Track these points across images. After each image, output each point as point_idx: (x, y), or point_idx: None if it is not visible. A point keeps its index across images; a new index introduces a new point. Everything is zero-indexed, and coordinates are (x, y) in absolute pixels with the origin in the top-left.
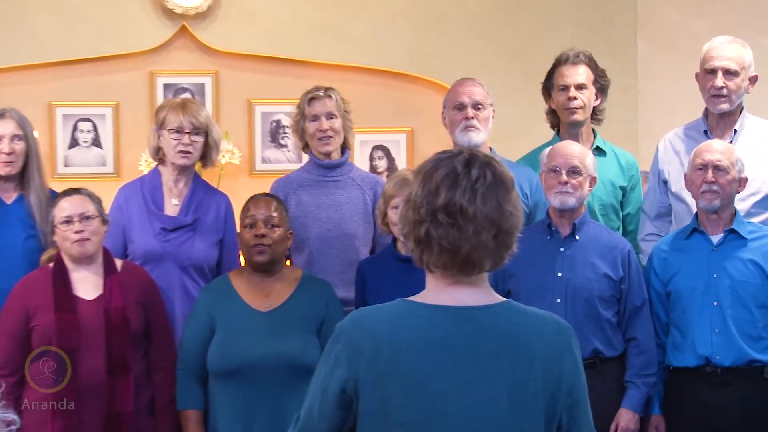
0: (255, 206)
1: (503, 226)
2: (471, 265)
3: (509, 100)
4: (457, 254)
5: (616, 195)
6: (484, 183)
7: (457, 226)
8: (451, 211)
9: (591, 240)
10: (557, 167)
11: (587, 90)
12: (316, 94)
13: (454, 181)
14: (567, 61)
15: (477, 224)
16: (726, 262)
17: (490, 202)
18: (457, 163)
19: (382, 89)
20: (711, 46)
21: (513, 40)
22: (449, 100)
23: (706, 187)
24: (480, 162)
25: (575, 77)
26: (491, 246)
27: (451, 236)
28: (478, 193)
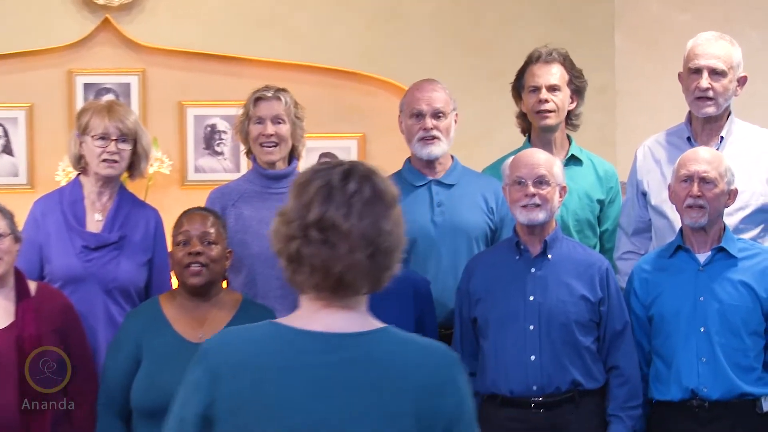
0: (189, 221)
1: (381, 245)
2: (345, 286)
3: (473, 103)
4: (329, 274)
5: (592, 209)
6: (362, 198)
7: (329, 244)
8: (324, 227)
9: (565, 258)
10: (522, 178)
11: (561, 92)
12: (264, 94)
13: (328, 194)
14: (539, 60)
15: (351, 242)
16: (714, 284)
17: (367, 218)
18: (334, 176)
19: (330, 90)
20: (696, 42)
21: (476, 35)
22: (406, 105)
23: (692, 201)
24: (359, 175)
25: (547, 78)
26: (367, 266)
27: (323, 254)
28: (354, 209)
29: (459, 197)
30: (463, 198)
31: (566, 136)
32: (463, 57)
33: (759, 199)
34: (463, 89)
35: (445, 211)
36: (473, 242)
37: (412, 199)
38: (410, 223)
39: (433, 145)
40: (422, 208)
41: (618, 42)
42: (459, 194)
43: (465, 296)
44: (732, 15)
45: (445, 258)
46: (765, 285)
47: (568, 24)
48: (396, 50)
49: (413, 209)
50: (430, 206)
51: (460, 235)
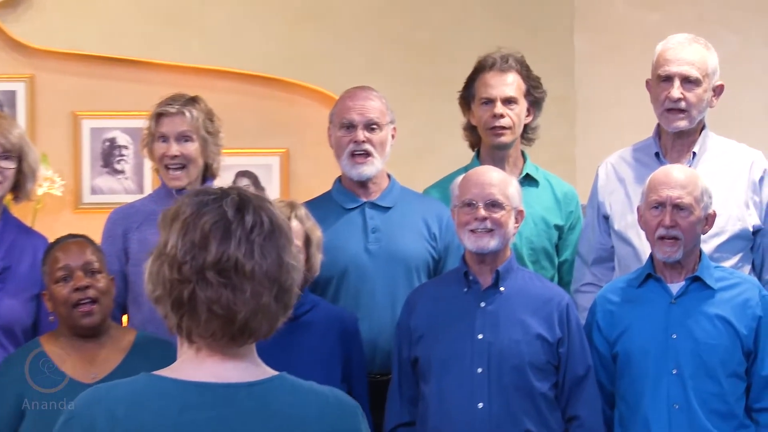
0: (65, 253)
1: (284, 283)
2: (247, 333)
3: (413, 114)
4: (233, 321)
5: (550, 236)
6: (262, 231)
7: (231, 287)
8: (224, 269)
9: (519, 292)
10: (472, 200)
11: (518, 105)
12: (166, 110)
13: (226, 230)
14: (493, 67)
15: (256, 283)
16: (688, 319)
17: (270, 255)
18: (227, 208)
19: (248, 99)
20: (666, 46)
21: (418, 36)
22: (336, 115)
23: (664, 232)
24: (253, 205)
25: (502, 89)
26: (273, 309)
27: (225, 299)
28: (256, 245)
29: (397, 222)
30: (401, 222)
31: (521, 153)
32: (402, 62)
33: (736, 225)
34: (403, 98)
35: (381, 238)
36: (413, 273)
37: (343, 224)
38: (341, 251)
39: (364, 165)
40: (354, 234)
41: (578, 45)
42: (397, 218)
43: (405, 333)
44: (707, 15)
45: (380, 292)
46: (746, 320)
47: (521, 25)
48: (325, 54)
49: (344, 236)
50: (364, 232)
51: (399, 265)
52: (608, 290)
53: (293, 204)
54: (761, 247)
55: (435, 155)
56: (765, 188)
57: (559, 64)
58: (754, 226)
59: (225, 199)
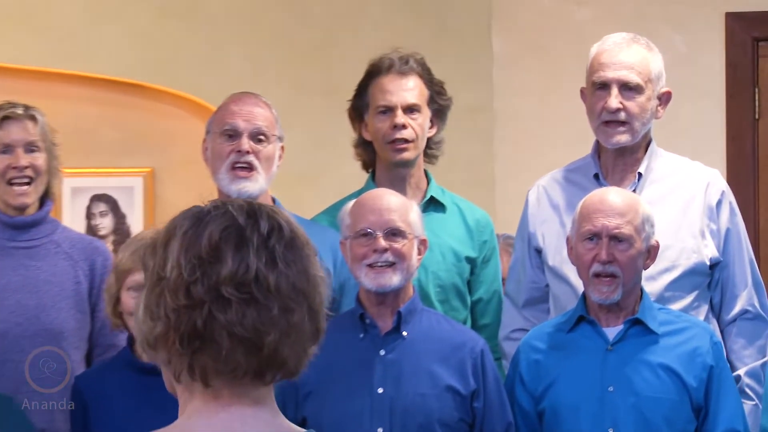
0: None
1: (314, 301)
2: (277, 364)
3: (299, 127)
4: (260, 347)
5: (461, 271)
6: (282, 238)
7: (254, 304)
8: (244, 282)
9: (425, 337)
10: (368, 228)
11: (420, 114)
12: (13, 112)
13: (240, 238)
14: (390, 70)
15: (284, 298)
16: (627, 369)
17: (295, 264)
18: (236, 213)
19: (104, 109)
20: (601, 48)
21: (304, 36)
22: (216, 123)
23: (599, 268)
24: (265, 211)
25: (403, 95)
26: (306, 331)
27: (250, 318)
28: (277, 253)
29: None
30: None
31: (424, 173)
32: (285, 65)
33: (691, 258)
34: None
35: None
36: None
37: None
38: None
39: (247, 180)
40: None
41: (497, 46)
42: None
43: (289, 390)
44: (647, 10)
45: None
46: (695, 371)
47: (427, 22)
48: (194, 55)
49: None
50: None
51: None
52: (533, 336)
53: None
54: (720, 283)
55: (324, 177)
56: (723, 214)
57: (474, 68)
58: (711, 258)
59: (231, 205)
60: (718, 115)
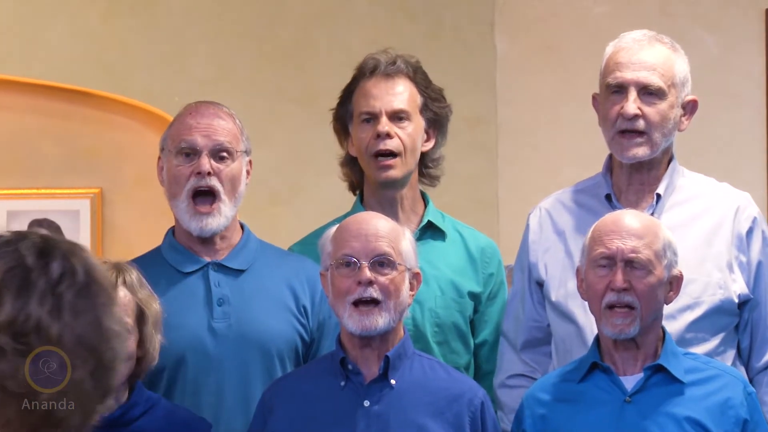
0: None
1: (104, 356)
2: (53, 423)
3: (274, 140)
4: (34, 405)
5: (462, 308)
6: (73, 284)
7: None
8: (22, 332)
9: (416, 386)
10: (351, 257)
11: (410, 123)
12: None
13: (24, 281)
14: (375, 72)
15: (66, 352)
16: (649, 423)
17: (84, 315)
18: (26, 253)
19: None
20: (619, 46)
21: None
22: (171, 139)
23: (614, 298)
24: (62, 251)
25: (389, 99)
26: (88, 391)
27: (23, 373)
28: (65, 301)
29: (253, 290)
30: (259, 291)
31: (420, 194)
32: (255, 71)
33: (716, 294)
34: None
35: (231, 312)
36: (275, 361)
37: (178, 294)
38: (175, 331)
39: (209, 216)
40: (194, 307)
41: (501, 48)
42: (253, 285)
43: None
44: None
45: (230, 386)
46: (726, 425)
47: (420, 19)
48: (150, 59)
49: (180, 310)
50: (207, 305)
51: (254, 350)
52: (538, 388)
53: (121, 266)
54: (749, 324)
55: (300, 197)
56: (755, 244)
57: (474, 73)
58: (740, 295)
59: (23, 242)
60: (757, 127)
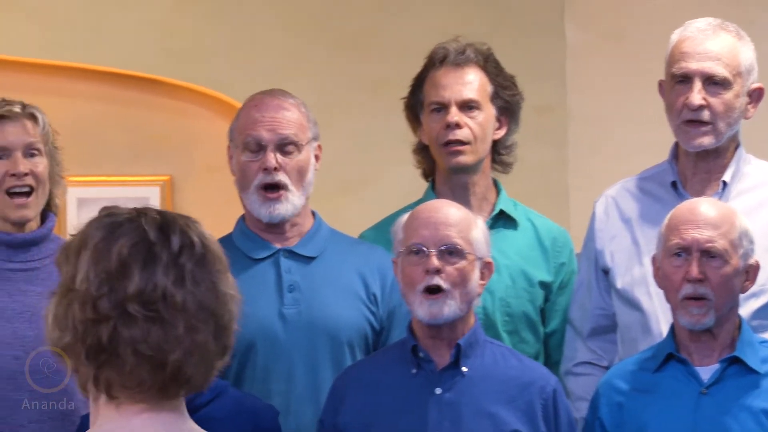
0: None
1: (222, 318)
2: (182, 381)
3: (344, 127)
4: (164, 365)
5: (533, 297)
6: (192, 255)
7: (160, 322)
8: (150, 300)
9: (488, 374)
10: (420, 245)
11: (481, 112)
12: (9, 110)
13: (149, 254)
14: (444, 62)
15: (190, 317)
16: (725, 416)
17: (204, 283)
18: (148, 228)
19: (115, 108)
20: (684, 35)
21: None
22: (238, 132)
23: (690, 290)
24: (178, 225)
25: (459, 89)
26: (211, 350)
27: (154, 337)
28: (186, 271)
29: (323, 277)
30: (329, 278)
31: (492, 182)
32: (327, 57)
33: None
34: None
35: (301, 299)
36: (345, 349)
37: (248, 281)
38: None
39: (278, 202)
40: (264, 294)
41: (570, 36)
42: (323, 272)
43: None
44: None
45: (300, 373)
46: None
47: (487, 7)
48: (221, 46)
49: (250, 296)
50: (277, 291)
51: (324, 338)
52: (615, 375)
53: None
54: None
55: (373, 186)
56: None
57: (543, 61)
58: None
59: (143, 218)
60: None
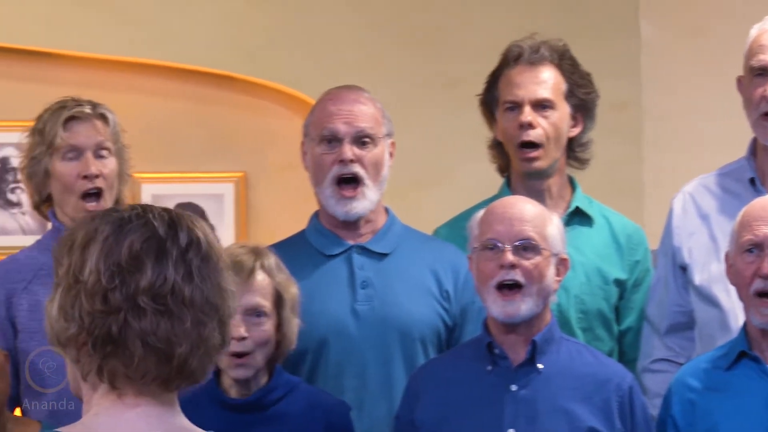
0: None
1: (224, 313)
2: (185, 373)
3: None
4: (171, 357)
5: (608, 295)
6: (198, 252)
7: (168, 315)
8: (160, 294)
9: (564, 371)
10: (495, 241)
11: (555, 111)
12: (81, 110)
13: (160, 249)
14: (519, 60)
15: (197, 311)
16: None
17: (209, 278)
18: (157, 224)
19: (190, 104)
20: (763, 29)
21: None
22: (313, 126)
23: (760, 285)
24: (185, 222)
25: (533, 88)
26: (215, 343)
27: (163, 329)
28: (194, 267)
29: (396, 274)
30: (402, 275)
31: (568, 179)
32: (402, 54)
33: None
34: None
35: (374, 296)
36: (417, 345)
37: (321, 276)
38: (318, 314)
39: (354, 200)
40: (337, 290)
41: (645, 30)
42: (396, 269)
43: (408, 430)
44: None
45: (372, 369)
46: None
47: (561, 3)
48: (296, 43)
49: (324, 292)
50: (351, 288)
51: (397, 334)
52: (687, 373)
53: (259, 251)
54: None
55: (447, 182)
56: None
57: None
58: None
59: (151, 213)
60: None
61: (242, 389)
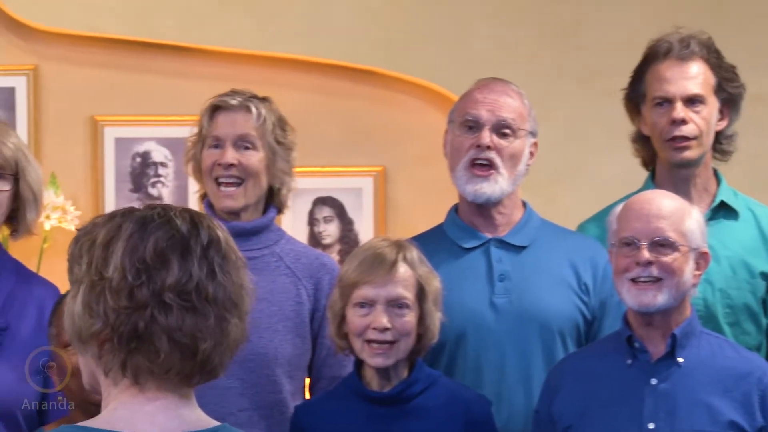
0: None
1: (244, 308)
2: (207, 369)
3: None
4: (195, 353)
5: (754, 288)
6: (219, 251)
7: (194, 311)
8: (185, 291)
9: (705, 365)
10: (632, 237)
11: (705, 106)
12: (225, 101)
13: (185, 248)
14: (668, 55)
15: (220, 308)
16: None
17: (229, 275)
18: (179, 222)
19: (330, 99)
20: None
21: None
22: (458, 112)
23: None
24: (206, 221)
25: (683, 84)
26: (237, 339)
27: (189, 325)
28: (216, 265)
29: (534, 267)
30: (540, 268)
31: (713, 172)
32: (539, 47)
33: None
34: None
35: (512, 289)
36: (556, 339)
37: (459, 270)
38: (456, 307)
39: (484, 180)
40: (475, 283)
41: None
42: (534, 262)
43: (546, 424)
44: None
45: (511, 362)
46: None
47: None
48: (433, 37)
49: (461, 285)
50: (488, 281)
51: (536, 328)
52: None
53: (401, 244)
54: None
55: (585, 175)
56: None
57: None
58: None
59: (172, 212)
60: None
61: (383, 382)
